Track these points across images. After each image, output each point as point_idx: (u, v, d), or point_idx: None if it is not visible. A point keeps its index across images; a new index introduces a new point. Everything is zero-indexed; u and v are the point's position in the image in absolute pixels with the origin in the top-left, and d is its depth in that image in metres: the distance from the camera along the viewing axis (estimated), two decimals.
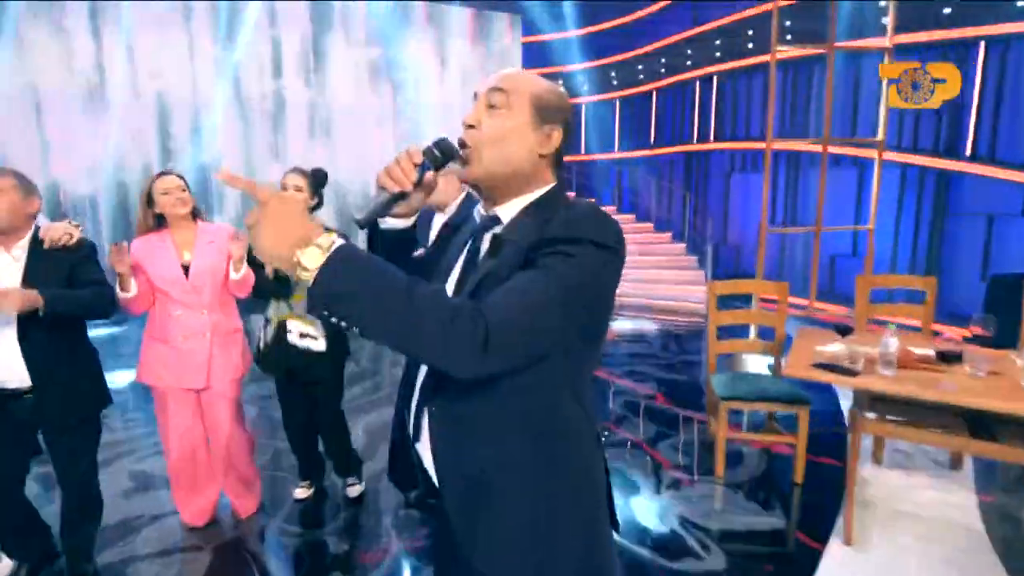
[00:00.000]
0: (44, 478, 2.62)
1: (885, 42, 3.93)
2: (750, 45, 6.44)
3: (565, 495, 0.92)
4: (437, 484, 0.96)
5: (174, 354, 2.18)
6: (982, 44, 4.64)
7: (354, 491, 2.60)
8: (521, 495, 0.90)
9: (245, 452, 2.43)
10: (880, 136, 3.90)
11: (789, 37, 5.83)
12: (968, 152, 4.84)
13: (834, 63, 3.93)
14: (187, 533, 2.34)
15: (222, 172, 0.75)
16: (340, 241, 0.75)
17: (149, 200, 2.17)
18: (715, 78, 7.12)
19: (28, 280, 1.78)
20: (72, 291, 1.83)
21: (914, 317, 3.04)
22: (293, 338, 2.33)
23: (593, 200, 0.94)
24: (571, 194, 1.15)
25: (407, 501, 2.55)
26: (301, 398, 2.48)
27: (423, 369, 0.98)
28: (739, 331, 4.48)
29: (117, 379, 4.06)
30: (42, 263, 1.82)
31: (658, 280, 7.82)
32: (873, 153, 4.91)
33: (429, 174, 0.92)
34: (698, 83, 7.39)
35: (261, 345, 2.42)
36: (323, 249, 0.73)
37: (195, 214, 2.25)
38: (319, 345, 2.35)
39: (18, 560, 2.05)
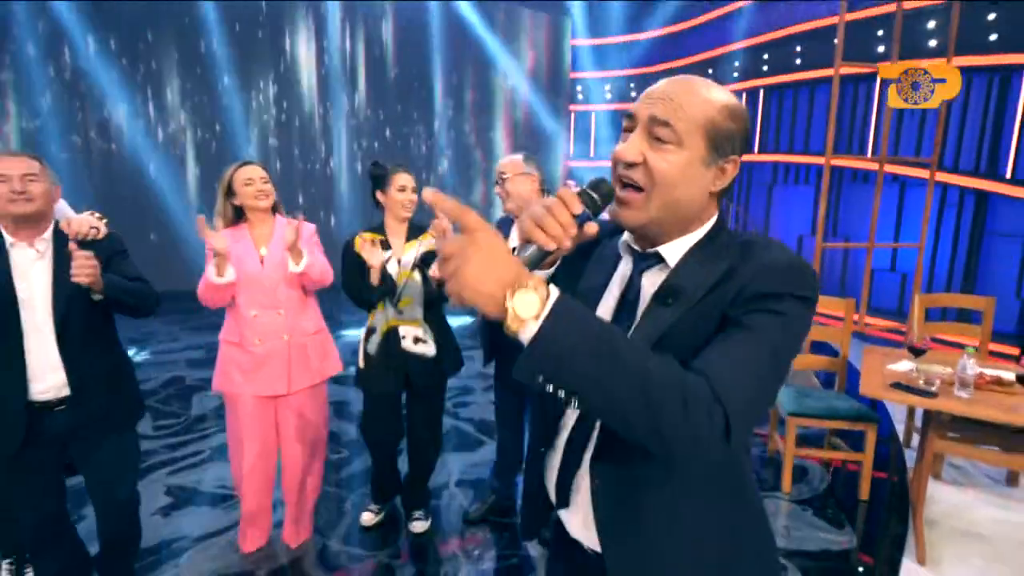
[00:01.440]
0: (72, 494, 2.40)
1: (940, 62, 3.98)
2: (798, 61, 6.50)
3: (746, 524, 0.88)
4: (599, 542, 0.87)
5: (250, 359, 2.05)
6: None
7: (420, 526, 2.40)
8: (707, 539, 0.84)
9: (316, 471, 2.30)
10: (934, 156, 3.95)
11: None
12: (1008, 175, 4.89)
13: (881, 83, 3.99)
14: (238, 557, 2.20)
15: (428, 192, 0.67)
16: (556, 290, 0.67)
17: (229, 190, 2.06)
18: (761, 91, 7.17)
19: (57, 277, 1.59)
20: (123, 279, 1.67)
21: (967, 336, 3.09)
22: (407, 344, 2.20)
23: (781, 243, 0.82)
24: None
25: (466, 517, 2.49)
26: (393, 411, 2.33)
27: (566, 428, 0.90)
28: None
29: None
30: (67, 263, 1.56)
31: None
32: (916, 171, 4.96)
33: (590, 225, 0.77)
34: (744, 94, 7.44)
35: (361, 360, 2.26)
36: (541, 298, 0.64)
37: (274, 208, 2.14)
38: (431, 349, 2.23)
39: None
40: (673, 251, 0.83)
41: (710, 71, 7.45)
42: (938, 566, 2.26)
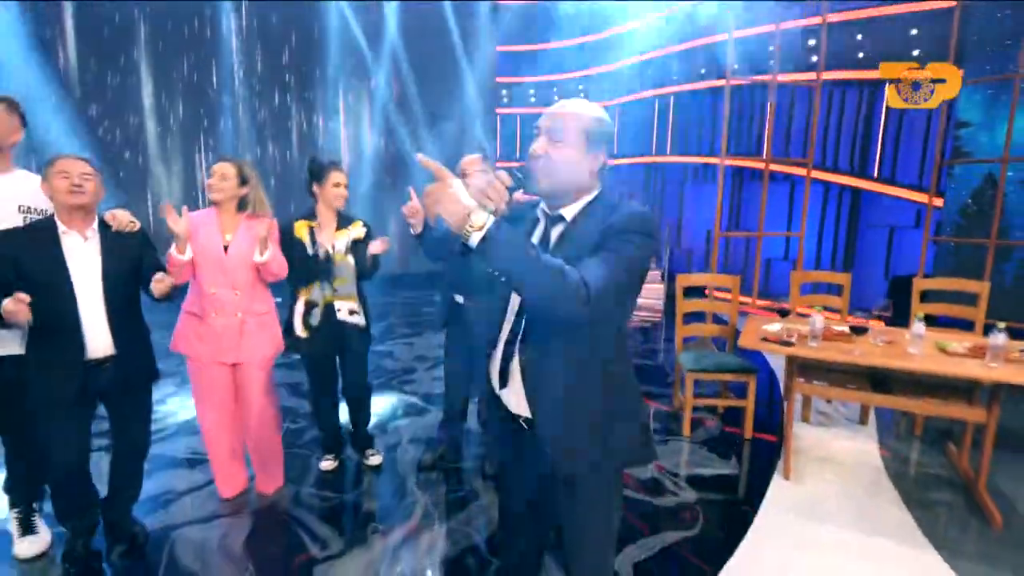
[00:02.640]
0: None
1: (813, 76, 4.68)
2: (703, 70, 7.24)
3: (622, 389, 1.33)
4: (528, 410, 1.31)
5: (208, 329, 2.33)
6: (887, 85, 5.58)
7: (376, 459, 2.88)
8: (597, 396, 1.28)
9: (273, 428, 2.59)
10: (809, 157, 4.67)
11: (736, 67, 6.62)
12: (875, 174, 5.79)
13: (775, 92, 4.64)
14: (224, 503, 2.51)
15: (420, 156, 1.14)
16: (493, 217, 1.12)
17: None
18: (672, 98, 7.89)
19: (105, 259, 1.97)
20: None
21: (833, 305, 3.77)
22: (343, 316, 2.60)
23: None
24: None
25: (419, 465, 2.88)
26: (331, 373, 2.73)
27: (506, 329, 1.34)
28: (697, 320, 5.18)
29: None
30: (114, 246, 2.00)
31: None
32: (803, 171, 5.76)
33: (517, 193, 1.24)
34: (657, 101, 8.13)
35: (301, 328, 2.59)
36: (487, 214, 1.10)
37: (243, 203, 2.37)
38: (363, 320, 2.65)
39: (71, 530, 2.12)
40: (570, 211, 1.30)
41: (626, 77, 8.11)
42: (801, 480, 2.85)
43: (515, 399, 1.35)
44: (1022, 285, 4.36)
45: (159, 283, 1.99)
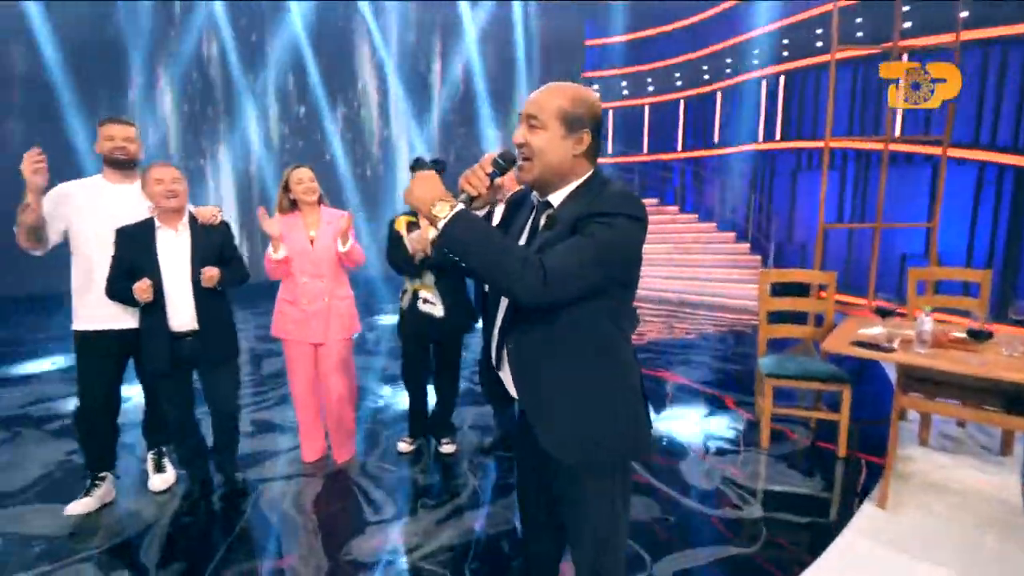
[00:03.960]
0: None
1: (951, 38, 3.96)
2: (819, 44, 6.46)
3: (612, 382, 1.27)
4: (516, 396, 1.31)
5: (300, 314, 2.67)
6: None
7: (449, 448, 2.99)
8: (582, 387, 1.25)
9: (348, 403, 2.87)
10: (946, 133, 3.96)
11: (860, 34, 5.83)
12: None
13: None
14: (305, 465, 2.85)
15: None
16: (462, 205, 1.16)
17: (286, 187, 2.68)
18: (781, 78, 7.17)
19: (194, 249, 2.31)
20: (230, 268, 2.39)
21: (968, 308, 3.17)
22: (420, 304, 2.79)
23: (624, 183, 1.25)
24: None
25: (481, 448, 3.01)
26: (422, 358, 2.92)
27: (500, 314, 1.33)
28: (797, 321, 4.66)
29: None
30: (201, 239, 2.34)
31: (718, 279, 7.94)
32: (938, 150, 4.89)
33: (499, 179, 1.25)
34: (765, 82, 7.44)
35: (399, 312, 2.89)
36: (451, 207, 1.14)
37: (319, 200, 2.73)
38: (439, 311, 2.78)
39: (189, 474, 2.56)
40: (556, 197, 1.27)
41: (728, 60, 7.48)
42: (900, 509, 2.45)
43: (508, 381, 1.35)
44: None
45: (206, 276, 2.29)
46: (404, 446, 3.01)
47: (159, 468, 2.65)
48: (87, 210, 2.30)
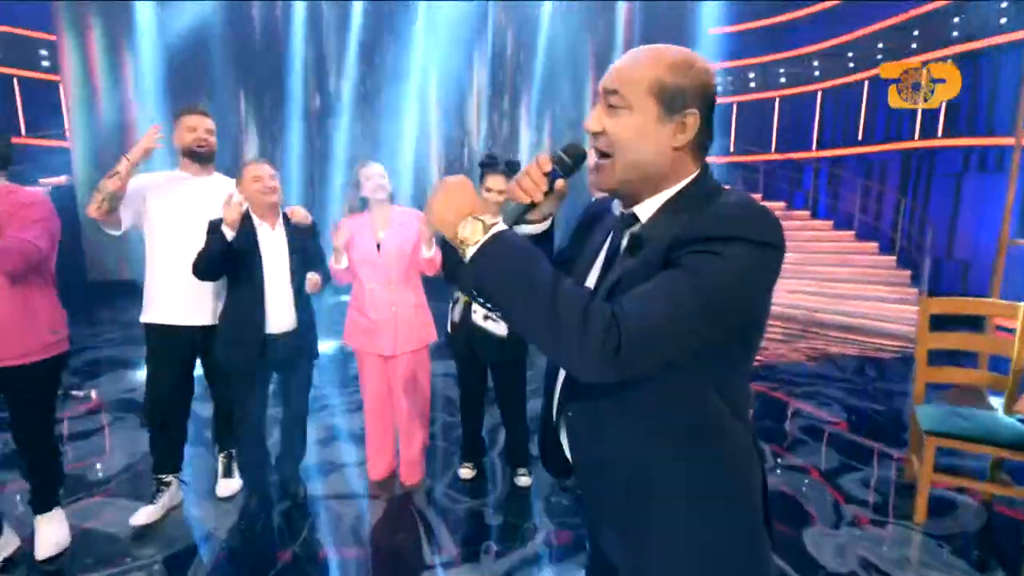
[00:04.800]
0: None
1: None
2: (1003, 19, 5.23)
3: (718, 492, 0.86)
4: (575, 474, 0.97)
5: (368, 322, 2.49)
6: None
7: (525, 481, 2.67)
8: (672, 498, 0.86)
9: (421, 420, 2.66)
10: None
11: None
12: None
13: None
14: (366, 483, 2.67)
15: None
16: (503, 225, 0.80)
17: (357, 184, 2.51)
18: (947, 62, 5.96)
19: (291, 246, 2.31)
20: (322, 272, 2.35)
21: None
22: (477, 319, 2.47)
23: (751, 194, 0.81)
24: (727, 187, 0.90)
25: (561, 485, 2.63)
26: (478, 379, 2.64)
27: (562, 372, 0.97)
28: (963, 362, 3.74)
29: None
30: (296, 238, 2.33)
31: (858, 296, 6.83)
32: None
33: (561, 181, 0.90)
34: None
35: (449, 326, 2.61)
36: (484, 226, 0.79)
37: (391, 198, 2.53)
38: (501, 329, 2.43)
39: (248, 482, 2.51)
40: (646, 209, 0.88)
41: (879, 45, 6.34)
42: None
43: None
44: None
45: (311, 283, 2.27)
46: (466, 472, 2.76)
47: (228, 472, 2.61)
48: (166, 202, 2.29)
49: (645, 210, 0.88)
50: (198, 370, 2.42)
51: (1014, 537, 2.27)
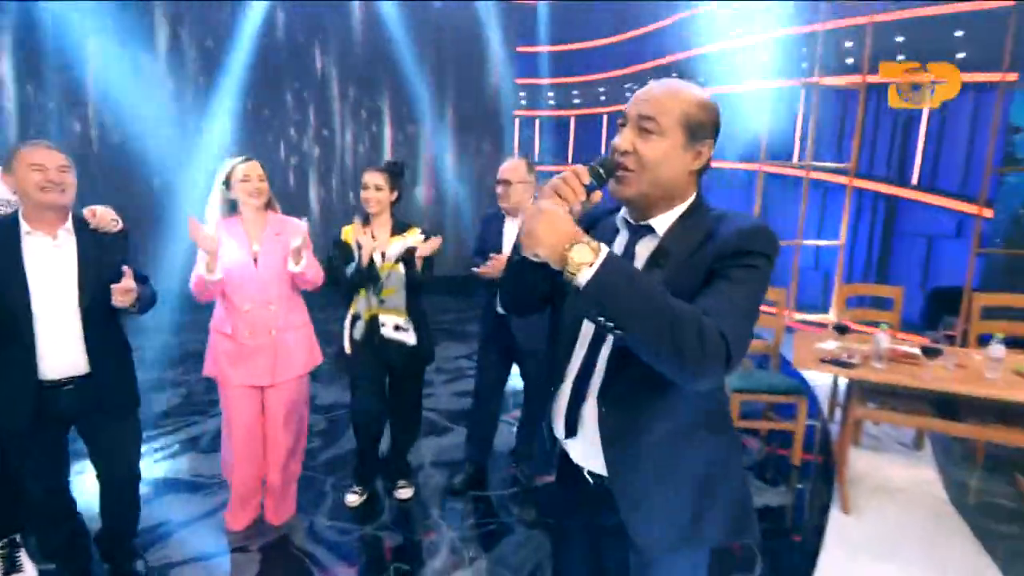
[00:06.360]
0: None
1: (858, 79, 4.41)
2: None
3: (724, 449, 1.08)
4: (603, 466, 1.05)
5: (239, 349, 2.11)
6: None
7: (406, 493, 2.58)
8: (690, 466, 1.04)
9: (299, 454, 2.39)
10: (852, 162, 4.43)
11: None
12: (914, 181, 5.54)
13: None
14: (228, 536, 2.27)
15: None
16: (605, 247, 0.87)
17: (227, 183, 2.09)
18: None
19: (83, 264, 1.68)
20: (144, 288, 1.77)
21: (883, 319, 3.52)
22: (387, 332, 2.33)
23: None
24: None
25: (451, 488, 2.64)
26: (380, 396, 2.46)
27: (575, 370, 1.08)
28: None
29: None
30: (93, 249, 1.71)
31: None
32: (836, 178, 5.50)
33: (597, 192, 1.00)
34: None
35: (347, 345, 2.36)
36: (593, 249, 0.85)
37: (267, 204, 2.18)
38: (411, 338, 2.36)
39: (60, 568, 1.94)
40: (662, 223, 1.03)
41: (674, 75, 7.82)
42: (860, 513, 2.60)
43: (583, 450, 1.10)
44: None
45: (125, 293, 1.66)
46: (353, 498, 2.53)
47: (13, 566, 1.94)
48: None
49: (661, 223, 1.03)
50: None
51: (785, 458, 3.12)
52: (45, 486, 1.78)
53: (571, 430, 1.10)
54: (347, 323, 2.40)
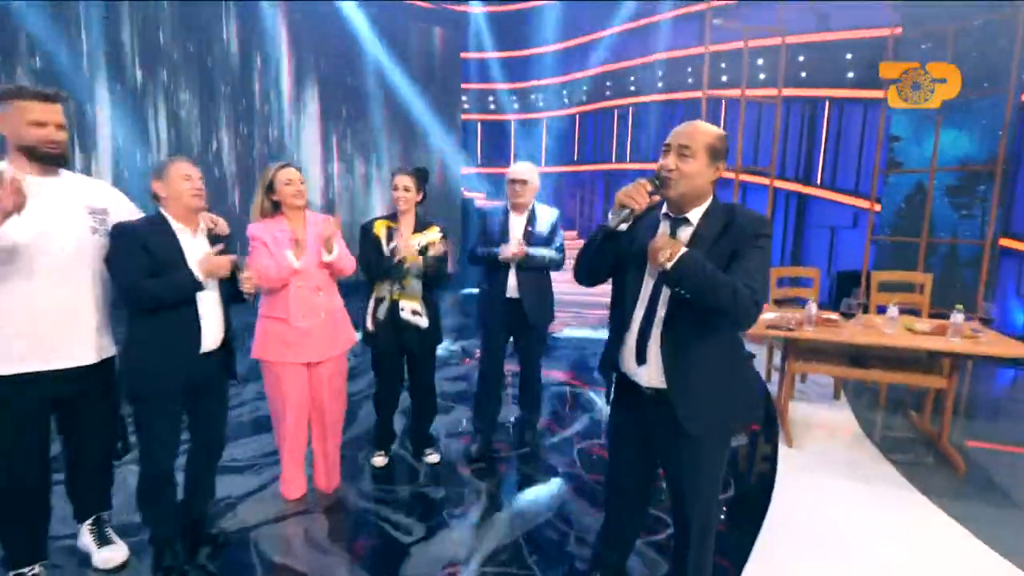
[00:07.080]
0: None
1: (774, 92, 5.19)
2: (659, 84, 7.79)
3: (741, 360, 1.64)
4: (664, 382, 1.54)
5: (293, 332, 2.38)
6: (827, 103, 6.37)
7: (435, 457, 2.97)
8: (724, 366, 1.57)
9: (341, 424, 2.67)
10: (771, 166, 5.23)
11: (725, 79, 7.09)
12: (819, 181, 6.56)
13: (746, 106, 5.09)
14: (288, 503, 2.50)
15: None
16: (684, 246, 1.42)
17: (269, 187, 2.37)
18: (631, 109, 8.40)
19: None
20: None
21: (806, 296, 4.31)
22: (406, 315, 2.70)
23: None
24: None
25: (470, 456, 3.02)
26: (399, 372, 2.84)
27: (639, 316, 1.57)
28: None
29: None
30: (215, 242, 2.08)
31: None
32: (758, 179, 6.37)
33: (656, 196, 1.52)
34: (616, 112, 8.60)
35: (370, 323, 2.72)
36: (680, 244, 1.41)
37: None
38: (425, 322, 2.74)
39: (158, 535, 2.06)
40: (695, 215, 1.54)
41: (608, 83, 8.52)
42: (800, 446, 3.28)
43: (648, 374, 1.58)
44: (946, 276, 5.17)
45: (248, 280, 2.09)
46: (380, 460, 2.91)
47: (103, 540, 2.10)
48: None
49: (695, 215, 1.54)
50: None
51: None
52: (169, 456, 1.99)
53: (641, 359, 1.58)
54: (371, 304, 2.76)
